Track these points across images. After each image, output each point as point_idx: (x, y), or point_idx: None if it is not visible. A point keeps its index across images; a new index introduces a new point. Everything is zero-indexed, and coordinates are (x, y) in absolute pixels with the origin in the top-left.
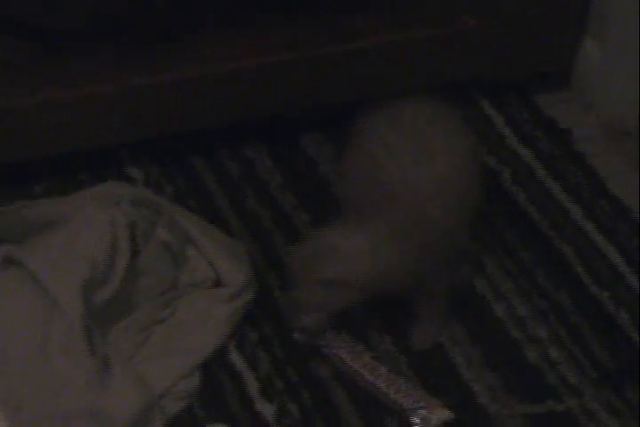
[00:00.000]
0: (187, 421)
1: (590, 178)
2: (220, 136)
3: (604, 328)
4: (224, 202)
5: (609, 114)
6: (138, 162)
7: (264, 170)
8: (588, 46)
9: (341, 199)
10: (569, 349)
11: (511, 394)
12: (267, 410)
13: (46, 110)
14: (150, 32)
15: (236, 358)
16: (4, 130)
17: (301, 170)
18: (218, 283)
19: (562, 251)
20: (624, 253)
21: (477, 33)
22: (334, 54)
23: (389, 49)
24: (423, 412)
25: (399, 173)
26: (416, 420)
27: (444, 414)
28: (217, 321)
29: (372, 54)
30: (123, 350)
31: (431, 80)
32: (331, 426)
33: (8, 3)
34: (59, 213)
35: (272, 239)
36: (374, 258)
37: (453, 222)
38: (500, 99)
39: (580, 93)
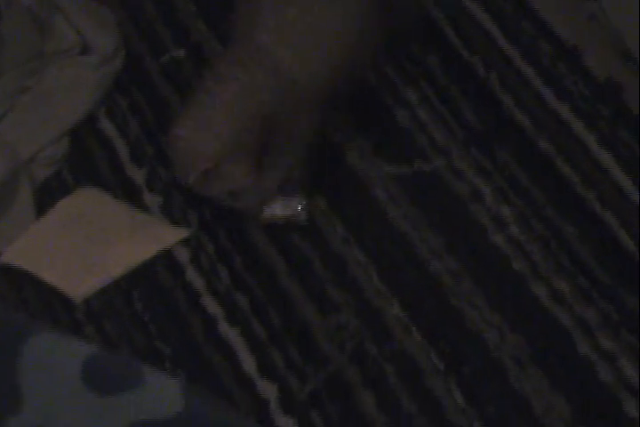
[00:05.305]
0: (55, 186)
1: None
2: None
3: (473, 90)
4: None
5: None
6: None
7: None
8: None
9: None
10: (438, 110)
11: (379, 156)
12: (137, 175)
13: None
14: None
15: (105, 125)
16: None
17: None
18: (85, 51)
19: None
20: (497, 20)
21: None
22: None
23: None
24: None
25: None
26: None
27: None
28: (85, 88)
29: None
30: None
31: None
32: None
33: None
34: None
35: (142, 7)
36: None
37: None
38: None
39: None
